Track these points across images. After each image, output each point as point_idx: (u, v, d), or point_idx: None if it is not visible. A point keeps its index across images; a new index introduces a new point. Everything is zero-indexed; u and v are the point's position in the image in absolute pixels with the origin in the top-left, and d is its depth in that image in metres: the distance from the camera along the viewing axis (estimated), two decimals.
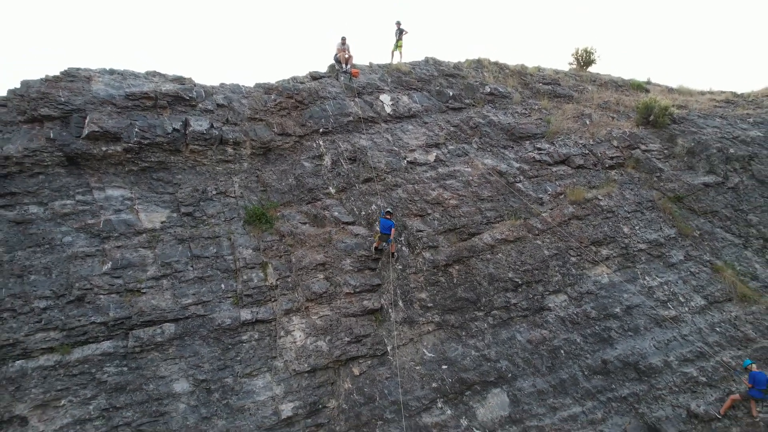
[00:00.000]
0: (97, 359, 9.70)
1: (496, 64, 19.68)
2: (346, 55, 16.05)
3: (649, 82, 23.88)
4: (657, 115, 16.17)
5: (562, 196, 14.26)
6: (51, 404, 9.10)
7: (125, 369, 9.80)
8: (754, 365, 10.70)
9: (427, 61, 18.30)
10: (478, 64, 19.16)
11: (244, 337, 10.84)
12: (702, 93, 23.32)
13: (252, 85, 15.75)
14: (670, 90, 22.11)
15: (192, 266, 11.38)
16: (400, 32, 17.94)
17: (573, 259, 12.93)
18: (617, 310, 12.19)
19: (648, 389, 11.13)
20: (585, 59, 23.56)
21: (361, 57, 23.96)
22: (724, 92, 23.93)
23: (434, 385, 10.89)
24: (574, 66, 23.87)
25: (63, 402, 9.18)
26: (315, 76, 16.14)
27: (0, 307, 9.56)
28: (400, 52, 18.24)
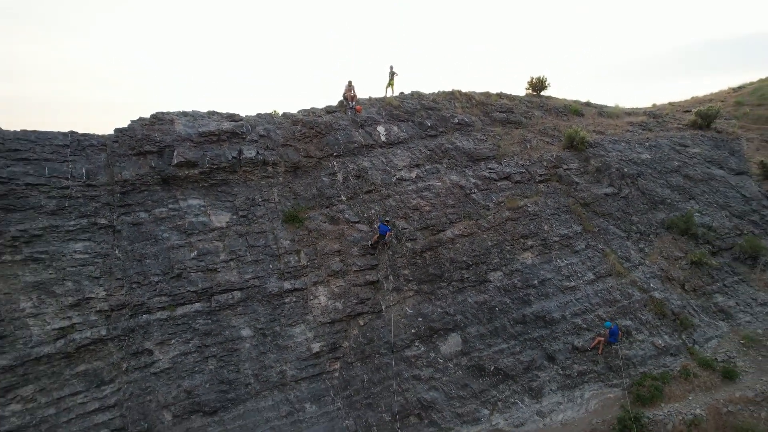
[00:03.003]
0: (192, 314, 11.81)
1: (465, 95, 21.13)
2: (352, 94, 17.74)
3: (588, 104, 25.15)
4: (577, 142, 18.42)
5: (502, 203, 16.21)
6: (166, 342, 11.39)
7: (210, 321, 11.93)
8: (611, 324, 13.25)
9: (412, 95, 19.80)
10: (451, 96, 20.64)
11: (286, 300, 12.77)
12: (629, 113, 24.73)
13: (280, 113, 17.09)
14: (600, 113, 23.65)
15: (249, 253, 13.12)
16: (392, 74, 19.50)
17: (508, 247, 15.28)
18: (535, 282, 14.65)
19: (550, 333, 13.80)
20: (538, 86, 24.90)
21: (362, 90, 26.12)
22: (647, 111, 25.90)
23: (413, 331, 13.20)
24: (530, 91, 25.23)
25: (173, 341, 11.43)
26: (329, 111, 17.31)
27: (131, 281, 11.79)
28: (392, 89, 19.86)
